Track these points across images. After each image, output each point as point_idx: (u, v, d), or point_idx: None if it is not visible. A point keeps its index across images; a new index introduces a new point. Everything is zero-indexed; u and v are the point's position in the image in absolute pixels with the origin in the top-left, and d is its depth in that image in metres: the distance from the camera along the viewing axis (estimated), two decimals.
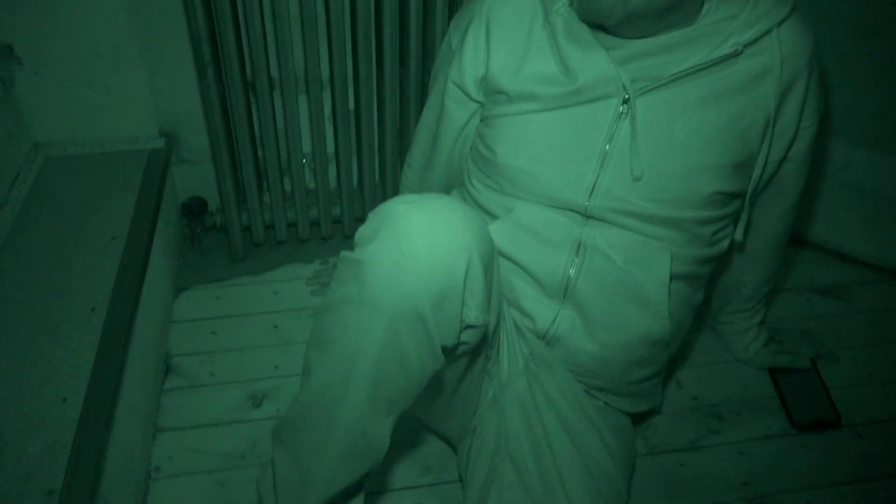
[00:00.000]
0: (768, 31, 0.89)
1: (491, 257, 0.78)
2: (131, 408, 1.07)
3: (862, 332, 1.40)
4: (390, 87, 1.37)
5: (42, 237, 1.21)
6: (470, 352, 0.83)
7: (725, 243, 1.01)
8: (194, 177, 1.52)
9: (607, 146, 0.91)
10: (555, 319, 0.96)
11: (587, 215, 0.93)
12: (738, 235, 1.00)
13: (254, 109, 1.39)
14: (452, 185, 1.12)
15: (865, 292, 1.50)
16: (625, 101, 0.90)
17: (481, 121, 1.01)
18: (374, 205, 1.51)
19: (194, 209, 1.49)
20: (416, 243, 0.70)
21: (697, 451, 1.17)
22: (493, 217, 0.99)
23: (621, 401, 1.04)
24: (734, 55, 0.88)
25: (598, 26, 0.90)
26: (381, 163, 1.51)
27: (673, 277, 0.94)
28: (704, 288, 1.06)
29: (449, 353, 0.78)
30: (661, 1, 0.84)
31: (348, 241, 1.54)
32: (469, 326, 0.76)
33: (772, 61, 0.90)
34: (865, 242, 1.52)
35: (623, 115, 0.90)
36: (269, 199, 1.48)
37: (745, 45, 0.88)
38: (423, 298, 0.70)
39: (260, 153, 1.43)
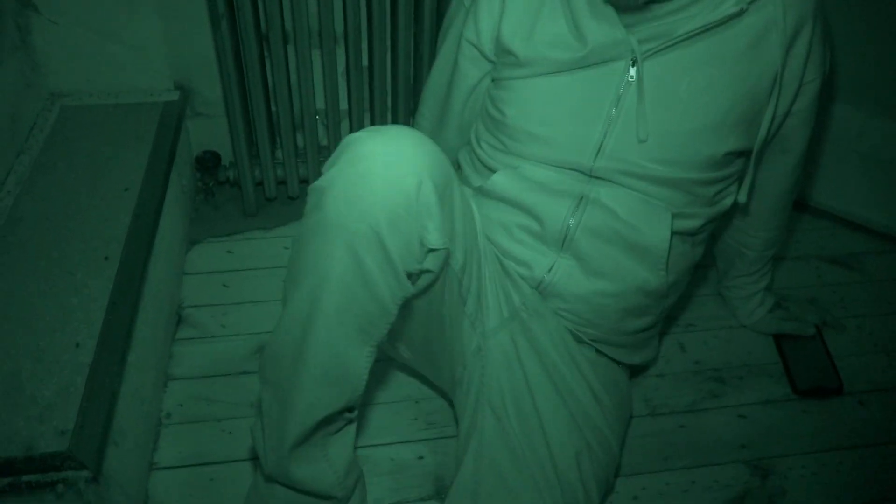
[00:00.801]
0: None
1: (446, 181, 0.80)
2: (143, 355, 1.10)
3: (870, 301, 1.40)
4: (404, 43, 1.36)
5: (58, 186, 1.23)
6: (436, 282, 0.85)
7: (728, 202, 1.01)
8: (208, 130, 1.53)
9: (613, 109, 0.91)
10: (551, 268, 0.97)
11: (592, 175, 0.93)
12: (742, 197, 1.00)
13: (267, 63, 1.38)
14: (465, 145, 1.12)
15: (876, 261, 1.49)
16: (633, 64, 0.90)
17: (492, 81, 1.01)
18: None
19: (208, 163, 1.50)
20: (371, 164, 0.73)
21: (697, 413, 1.18)
22: None
23: (616, 351, 1.05)
24: (739, 13, 0.87)
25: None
26: (395, 120, 1.50)
27: (673, 234, 0.95)
28: (704, 245, 1.07)
29: (415, 279, 0.80)
30: None
31: None
32: (431, 250, 0.78)
33: (775, 13, 0.88)
34: (878, 211, 1.51)
35: (631, 79, 0.89)
36: (282, 154, 1.49)
37: (749, 2, 0.87)
38: (378, 216, 0.73)
39: (273, 108, 1.44)
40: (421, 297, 0.86)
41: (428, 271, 0.81)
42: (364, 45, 1.38)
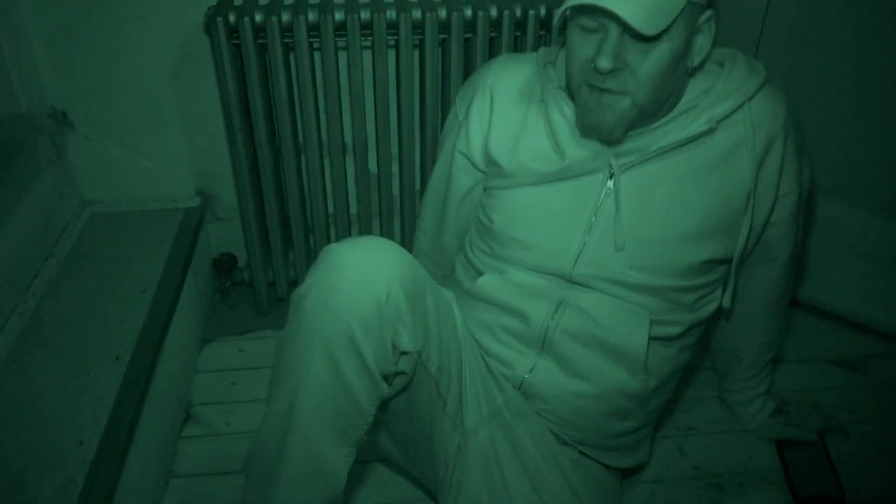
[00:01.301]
0: (739, 106, 0.93)
1: (416, 288, 0.84)
2: (146, 452, 1.14)
3: (876, 406, 1.38)
4: (408, 152, 1.44)
5: (80, 288, 1.31)
6: (412, 383, 0.89)
7: (710, 308, 1.03)
8: (227, 234, 1.62)
9: (593, 218, 0.96)
10: (532, 368, 1.00)
11: (572, 281, 0.97)
12: (726, 302, 1.02)
13: (281, 172, 1.48)
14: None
15: (883, 364, 1.48)
16: (610, 176, 0.95)
17: (483, 190, 1.07)
18: None
19: (224, 264, 1.58)
20: (344, 273, 0.79)
21: None
22: None
23: (601, 454, 1.06)
24: (709, 132, 0.92)
25: None
26: (402, 224, 1.57)
27: (653, 339, 0.97)
28: (692, 349, 1.08)
29: (390, 380, 0.84)
30: (659, 102, 0.90)
31: None
32: (403, 353, 0.83)
33: (744, 132, 0.94)
34: (884, 312, 1.51)
35: (609, 191, 0.95)
36: (294, 256, 1.56)
37: (719, 121, 0.92)
38: (351, 321, 0.78)
39: (286, 213, 1.52)
40: (399, 397, 0.89)
41: (402, 373, 0.84)
42: (373, 155, 1.47)
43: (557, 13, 0.87)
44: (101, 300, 1.29)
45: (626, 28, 0.82)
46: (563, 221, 0.97)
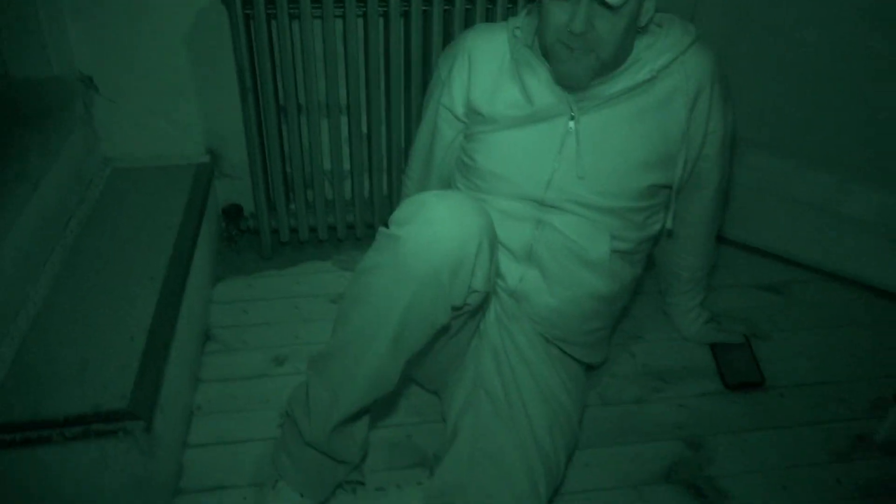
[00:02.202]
0: (675, 59, 1.17)
1: (494, 240, 1.04)
2: (179, 360, 1.33)
3: (794, 318, 1.64)
4: (396, 112, 1.67)
5: (111, 227, 1.51)
6: (470, 312, 1.09)
7: (656, 227, 1.28)
8: (232, 187, 1.83)
9: (559, 153, 1.18)
10: (521, 278, 1.22)
11: (544, 204, 1.20)
12: (669, 223, 1.26)
13: (284, 131, 1.68)
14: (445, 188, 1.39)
15: (802, 288, 1.74)
16: (571, 118, 1.18)
17: (465, 136, 1.29)
18: (382, 214, 1.80)
19: (232, 213, 1.79)
20: (443, 228, 0.97)
21: (642, 403, 1.41)
22: None
23: (576, 349, 1.28)
24: (651, 79, 1.16)
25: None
26: (389, 178, 1.79)
27: (613, 251, 1.21)
28: (643, 264, 1.32)
29: (455, 312, 1.04)
30: (620, 58, 1.14)
31: (360, 242, 1.83)
32: (474, 291, 1.02)
33: (679, 80, 1.18)
34: (803, 247, 1.77)
35: (571, 130, 1.18)
36: (295, 206, 1.77)
37: (658, 71, 1.16)
38: (444, 270, 0.96)
39: (288, 168, 1.73)
40: (453, 328, 1.10)
41: (468, 305, 1.05)
42: (363, 115, 1.68)
43: None
44: (131, 235, 1.48)
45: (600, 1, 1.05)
46: (535, 156, 1.20)
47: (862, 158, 1.64)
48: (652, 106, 1.18)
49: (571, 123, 1.18)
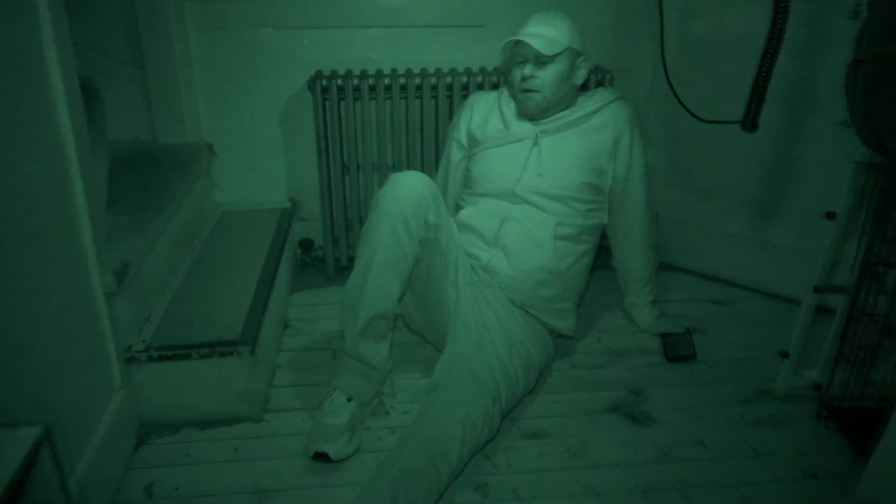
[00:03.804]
0: (604, 107, 1.77)
1: (436, 196, 1.62)
2: (269, 323, 1.89)
3: (731, 322, 2.12)
4: (429, 168, 2.27)
5: (222, 247, 2.12)
6: (434, 250, 1.64)
7: (595, 220, 1.84)
8: (307, 226, 2.44)
9: (526, 161, 1.77)
10: (490, 258, 1.77)
11: (514, 194, 1.77)
12: (604, 219, 1.83)
13: (346, 183, 2.30)
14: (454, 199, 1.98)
15: (743, 302, 2.23)
16: (536, 141, 1.77)
17: (468, 160, 1.90)
18: None
19: (306, 245, 2.39)
20: (402, 185, 1.57)
21: (602, 368, 1.90)
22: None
23: (539, 313, 1.79)
24: (589, 115, 1.76)
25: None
26: None
27: (560, 236, 1.76)
28: (590, 254, 1.87)
29: (422, 244, 1.60)
30: (557, 100, 1.75)
31: None
32: (430, 224, 1.59)
33: (608, 120, 1.78)
34: (740, 272, 2.27)
35: (534, 145, 1.77)
36: (352, 241, 2.36)
37: (594, 112, 1.76)
38: (405, 209, 1.55)
39: (348, 213, 2.34)
40: (423, 262, 1.66)
41: (428, 238, 1.62)
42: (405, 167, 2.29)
43: (504, 45, 1.74)
44: (236, 253, 2.09)
45: (537, 55, 1.68)
46: (510, 163, 1.81)
47: (769, 199, 2.15)
48: (588, 133, 1.79)
49: (535, 144, 1.78)
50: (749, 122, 1.94)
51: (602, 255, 2.21)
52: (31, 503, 0.70)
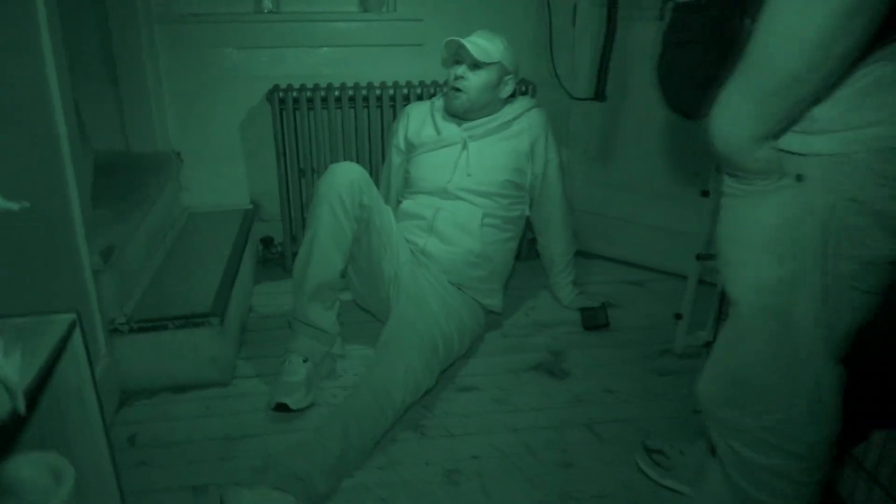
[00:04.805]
0: (522, 114, 2.08)
1: (369, 181, 1.89)
2: (235, 301, 2.14)
3: (643, 298, 2.44)
4: (375, 165, 2.55)
5: (191, 242, 2.37)
6: (369, 227, 1.90)
7: (517, 213, 2.13)
8: (268, 226, 2.69)
9: (456, 163, 2.06)
10: (426, 243, 2.05)
11: (447, 191, 2.06)
12: (526, 210, 2.11)
13: (302, 185, 2.56)
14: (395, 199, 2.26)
15: (655, 283, 2.54)
16: (464, 145, 2.07)
17: (407, 162, 2.18)
18: None
19: (266, 242, 2.65)
20: (337, 172, 1.85)
21: (527, 336, 2.18)
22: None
23: (471, 291, 2.07)
24: (509, 122, 2.06)
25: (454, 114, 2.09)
26: None
27: (487, 225, 2.05)
28: (514, 241, 2.16)
29: (358, 221, 1.87)
30: (479, 105, 2.05)
31: None
32: (363, 205, 1.86)
33: (525, 126, 2.08)
34: (652, 256, 2.59)
35: (463, 149, 2.06)
36: None
37: (514, 119, 2.06)
38: (341, 191, 1.82)
39: (304, 213, 2.60)
40: (362, 241, 1.93)
41: (363, 217, 1.89)
42: None
43: (446, 43, 2.03)
44: (204, 247, 2.34)
45: (472, 60, 1.99)
46: (443, 165, 2.09)
47: (673, 190, 2.48)
48: (509, 137, 2.09)
49: (464, 147, 2.07)
50: (598, 94, 2.32)
51: (532, 246, 2.52)
52: (65, 379, 0.95)
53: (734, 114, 0.87)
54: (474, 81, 2.05)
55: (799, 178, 0.90)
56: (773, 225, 0.94)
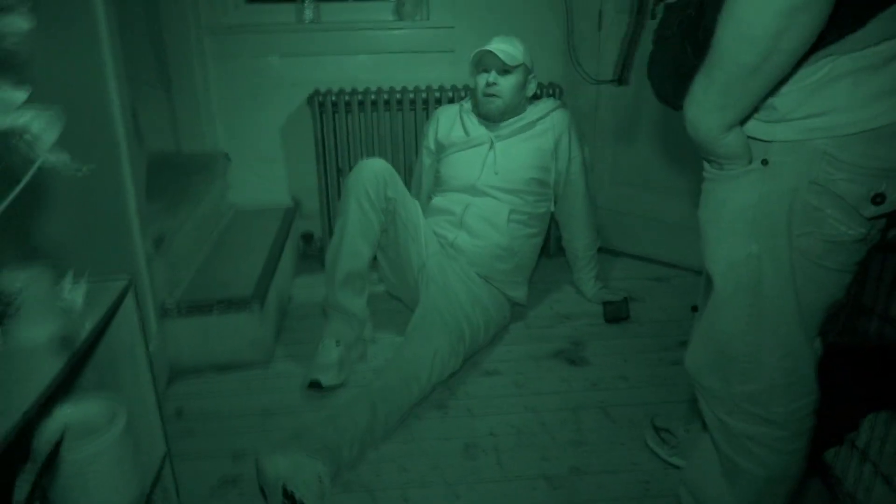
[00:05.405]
0: (547, 114, 2.18)
1: (395, 176, 2.02)
2: (275, 290, 2.29)
3: (665, 293, 2.51)
4: (408, 166, 2.69)
5: (237, 236, 2.54)
6: (396, 219, 2.03)
7: (543, 209, 2.23)
8: (308, 222, 2.85)
9: (485, 161, 2.18)
10: (456, 237, 2.17)
11: (476, 188, 2.18)
12: (551, 206, 2.22)
13: (340, 184, 2.71)
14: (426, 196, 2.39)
15: (677, 279, 2.62)
16: (491, 145, 2.19)
17: (438, 162, 2.31)
18: None
19: (307, 238, 2.80)
20: (366, 168, 1.99)
21: (550, 327, 2.28)
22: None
23: (498, 283, 2.19)
24: (534, 122, 2.17)
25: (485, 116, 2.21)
26: None
27: (513, 221, 2.16)
28: (539, 237, 2.27)
29: (385, 214, 2.00)
30: (513, 106, 2.17)
31: None
32: (389, 198, 1.99)
33: (549, 126, 2.19)
34: (671, 253, 2.66)
35: (490, 149, 2.18)
36: None
37: (539, 119, 2.17)
38: (368, 184, 1.96)
39: None
40: (390, 232, 2.06)
41: (389, 210, 2.02)
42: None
43: (473, 56, 2.15)
44: (247, 240, 2.51)
45: (500, 65, 2.10)
46: (472, 163, 2.21)
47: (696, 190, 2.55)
48: (534, 136, 2.20)
49: (491, 147, 2.18)
50: (619, 77, 2.38)
51: (557, 244, 2.62)
52: (120, 335, 1.10)
53: (701, 104, 0.97)
54: (506, 85, 2.16)
55: (765, 162, 1.00)
56: (744, 206, 1.03)
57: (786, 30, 0.84)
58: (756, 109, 0.98)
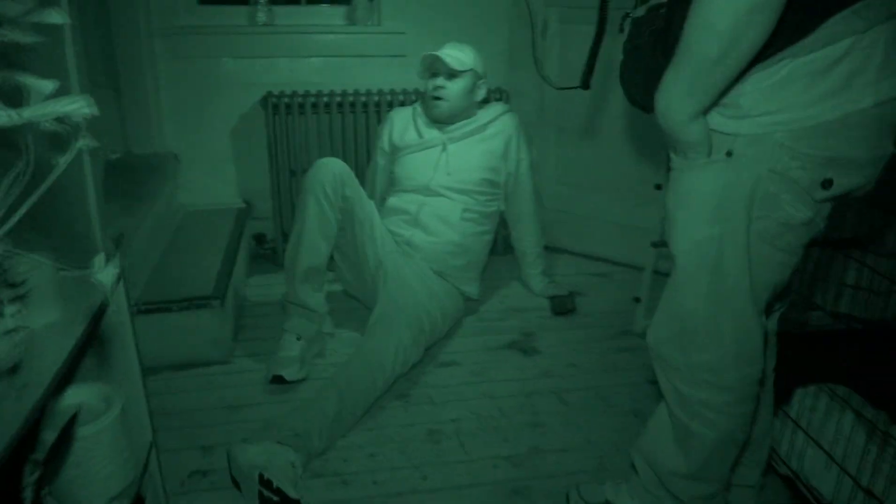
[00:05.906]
0: (496, 118, 2.29)
1: (351, 175, 2.08)
2: (233, 287, 2.32)
3: (607, 288, 2.66)
4: (361, 168, 2.75)
5: (190, 236, 2.55)
6: (353, 216, 2.10)
7: (493, 208, 2.34)
8: (260, 224, 2.88)
9: (437, 162, 2.27)
10: (412, 235, 2.25)
11: (429, 189, 2.26)
12: (501, 206, 2.33)
13: (292, 185, 2.75)
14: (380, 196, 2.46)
15: (619, 274, 2.77)
16: (444, 147, 2.28)
17: (391, 163, 2.38)
18: None
19: (259, 239, 2.83)
20: (322, 166, 2.05)
21: (501, 320, 2.39)
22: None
23: (451, 279, 2.28)
24: (485, 125, 2.28)
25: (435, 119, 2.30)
26: None
27: (465, 219, 2.26)
28: (489, 235, 2.37)
29: (341, 211, 2.07)
30: (460, 110, 2.26)
31: None
32: (345, 196, 2.06)
33: (499, 129, 2.29)
34: (612, 250, 2.81)
35: (443, 150, 2.27)
36: None
37: (489, 122, 2.28)
38: (325, 182, 2.03)
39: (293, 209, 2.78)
40: (346, 231, 2.12)
41: (346, 208, 2.08)
42: None
43: (422, 60, 2.24)
44: (201, 240, 2.52)
45: (448, 70, 2.19)
46: (425, 165, 2.29)
47: (636, 189, 2.71)
48: (485, 139, 2.30)
49: (443, 148, 2.28)
50: (584, 83, 2.50)
51: (506, 243, 2.73)
52: (111, 324, 1.13)
53: (670, 94, 1.09)
54: (453, 89, 2.26)
55: (729, 154, 1.12)
56: (708, 192, 1.16)
57: (745, 27, 0.97)
58: (721, 105, 1.10)
